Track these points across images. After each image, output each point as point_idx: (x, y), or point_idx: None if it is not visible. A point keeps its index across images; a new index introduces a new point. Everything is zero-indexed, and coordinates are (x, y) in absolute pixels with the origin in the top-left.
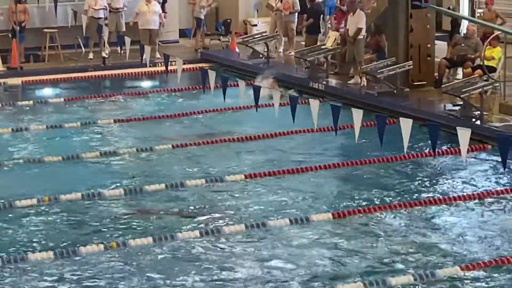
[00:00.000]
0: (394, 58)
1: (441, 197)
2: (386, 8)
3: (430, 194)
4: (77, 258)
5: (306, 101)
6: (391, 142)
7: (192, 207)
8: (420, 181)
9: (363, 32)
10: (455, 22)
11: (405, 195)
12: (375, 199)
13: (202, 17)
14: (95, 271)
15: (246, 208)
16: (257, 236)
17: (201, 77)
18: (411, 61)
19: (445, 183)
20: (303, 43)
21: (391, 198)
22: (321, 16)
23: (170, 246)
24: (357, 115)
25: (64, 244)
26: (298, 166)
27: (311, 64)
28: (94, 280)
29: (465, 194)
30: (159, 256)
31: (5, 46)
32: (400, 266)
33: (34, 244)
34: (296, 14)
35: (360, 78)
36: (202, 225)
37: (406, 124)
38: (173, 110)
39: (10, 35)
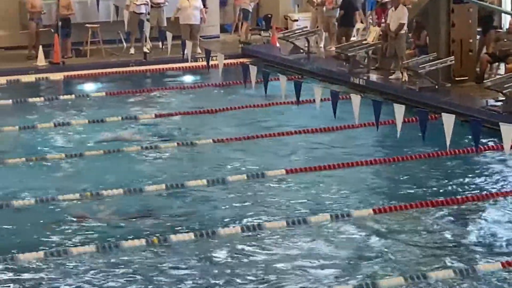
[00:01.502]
0: (436, 54)
1: (483, 193)
2: (427, 3)
3: (473, 191)
4: (120, 253)
5: (348, 96)
6: (432, 138)
7: (233, 203)
8: (462, 178)
9: (405, 27)
10: (490, 18)
11: (447, 191)
12: (417, 195)
13: (250, 9)
14: (134, 264)
15: (287, 203)
16: (298, 232)
17: (242, 72)
18: (453, 56)
19: (488, 179)
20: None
21: (433, 194)
22: (357, 10)
23: (210, 242)
24: (399, 110)
25: (109, 238)
26: (339, 162)
27: (352, 60)
28: (134, 275)
29: (508, 190)
30: (200, 252)
31: (48, 41)
32: (440, 261)
33: (78, 238)
34: (338, 9)
35: (402, 73)
36: (243, 221)
37: (448, 120)
38: (214, 105)
39: (52, 30)
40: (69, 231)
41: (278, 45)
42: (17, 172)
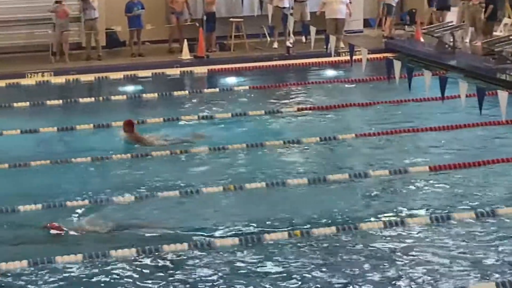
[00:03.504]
0: None
1: None
2: None
3: None
4: (261, 245)
5: (494, 92)
6: None
7: (374, 199)
8: None
9: None
10: None
11: None
12: None
13: (394, 4)
14: (277, 257)
15: (430, 200)
16: (440, 229)
17: (386, 67)
18: None
19: None
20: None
21: None
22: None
23: (353, 236)
24: None
25: (248, 231)
26: (484, 159)
27: (498, 55)
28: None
29: None
30: (341, 245)
31: (193, 35)
32: None
33: (220, 230)
34: (484, 3)
35: None
36: (386, 216)
37: None
38: (357, 100)
39: (197, 24)
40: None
41: (422, 39)
42: (161, 163)
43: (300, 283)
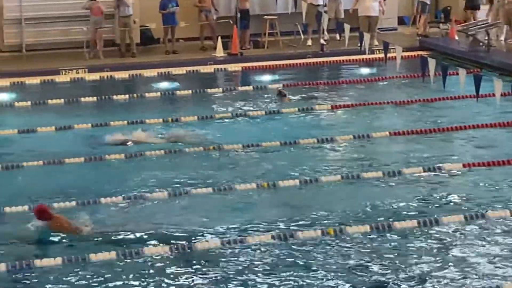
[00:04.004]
0: None
1: None
2: None
3: None
4: (294, 241)
5: None
6: None
7: (407, 197)
8: None
9: None
10: None
11: None
12: None
13: (428, 2)
14: (311, 255)
15: (464, 198)
16: (476, 227)
17: (421, 65)
18: None
19: None
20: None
21: None
22: None
23: (386, 234)
24: None
25: (281, 227)
26: None
27: None
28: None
29: None
30: (373, 244)
31: (226, 33)
32: None
33: (255, 226)
34: None
35: None
36: (420, 215)
37: None
38: (390, 98)
39: (231, 21)
40: None
41: (456, 38)
42: (194, 159)
43: (333, 281)
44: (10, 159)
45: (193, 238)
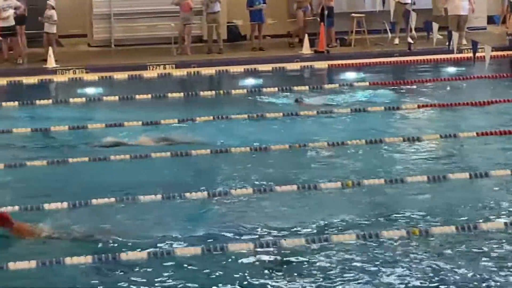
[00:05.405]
0: None
1: None
2: None
3: None
4: (379, 241)
5: None
6: None
7: (495, 199)
8: None
9: None
10: None
11: None
12: None
13: None
14: (395, 254)
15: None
16: None
17: (510, 65)
18: None
19: None
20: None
21: None
22: None
23: (472, 236)
24: None
25: (366, 227)
26: None
27: None
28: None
29: None
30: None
31: (312, 30)
32: None
33: (339, 225)
34: None
35: None
36: (507, 217)
37: None
38: (479, 98)
39: (318, 19)
40: None
41: None
42: (277, 158)
43: (419, 281)
44: (97, 152)
45: (280, 235)
